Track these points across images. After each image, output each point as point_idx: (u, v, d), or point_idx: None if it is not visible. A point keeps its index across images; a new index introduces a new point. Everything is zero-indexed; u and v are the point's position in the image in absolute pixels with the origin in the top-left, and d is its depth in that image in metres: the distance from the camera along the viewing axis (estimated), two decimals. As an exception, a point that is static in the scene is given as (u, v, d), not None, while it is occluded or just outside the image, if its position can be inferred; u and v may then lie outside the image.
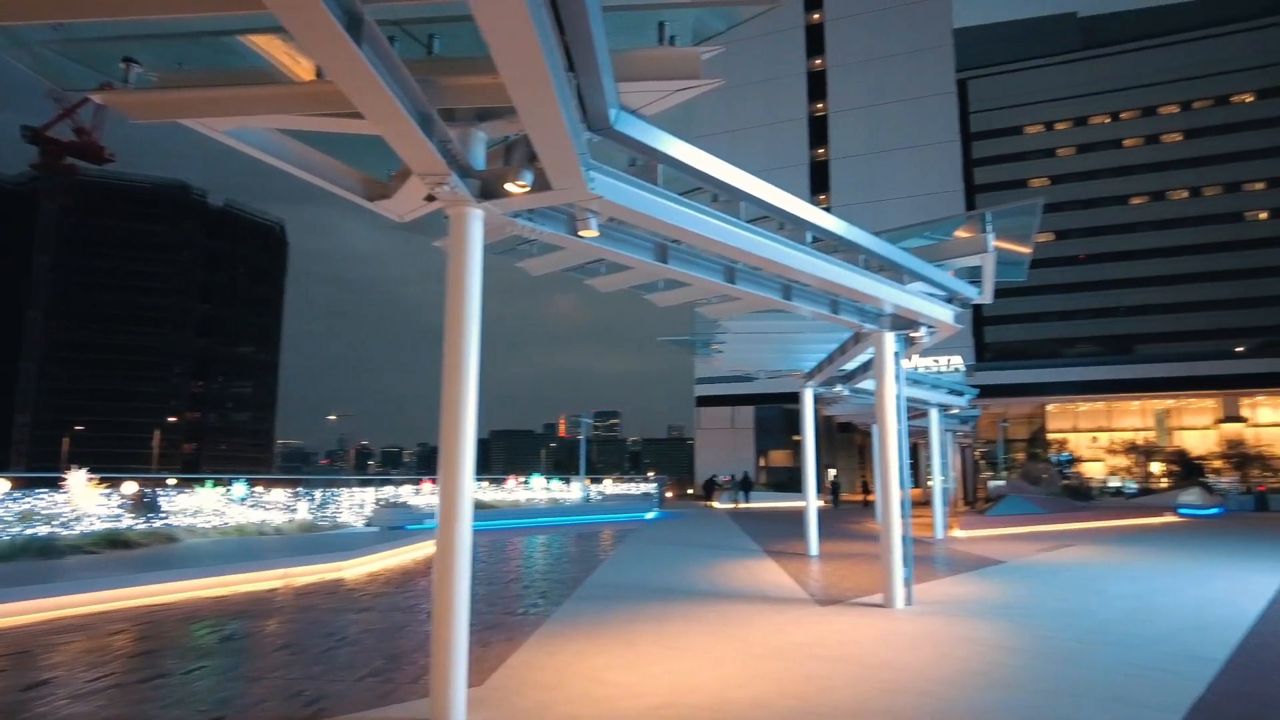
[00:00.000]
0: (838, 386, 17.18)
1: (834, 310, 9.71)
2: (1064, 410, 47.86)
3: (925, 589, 11.22)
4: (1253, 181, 62.48)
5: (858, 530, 22.15)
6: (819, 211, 7.42)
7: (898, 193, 49.48)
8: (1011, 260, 10.16)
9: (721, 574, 13.19)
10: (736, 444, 50.95)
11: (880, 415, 10.34)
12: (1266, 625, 8.90)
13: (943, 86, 51.38)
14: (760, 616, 9.29)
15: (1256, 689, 6.29)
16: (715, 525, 24.87)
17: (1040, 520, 22.49)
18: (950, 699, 5.93)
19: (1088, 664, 7.06)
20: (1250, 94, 63.27)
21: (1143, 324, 62.36)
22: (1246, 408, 44.34)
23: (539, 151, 4.84)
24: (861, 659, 7.18)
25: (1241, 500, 32.57)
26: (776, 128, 54.08)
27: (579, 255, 7.33)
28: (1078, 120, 67.73)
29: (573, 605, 10.09)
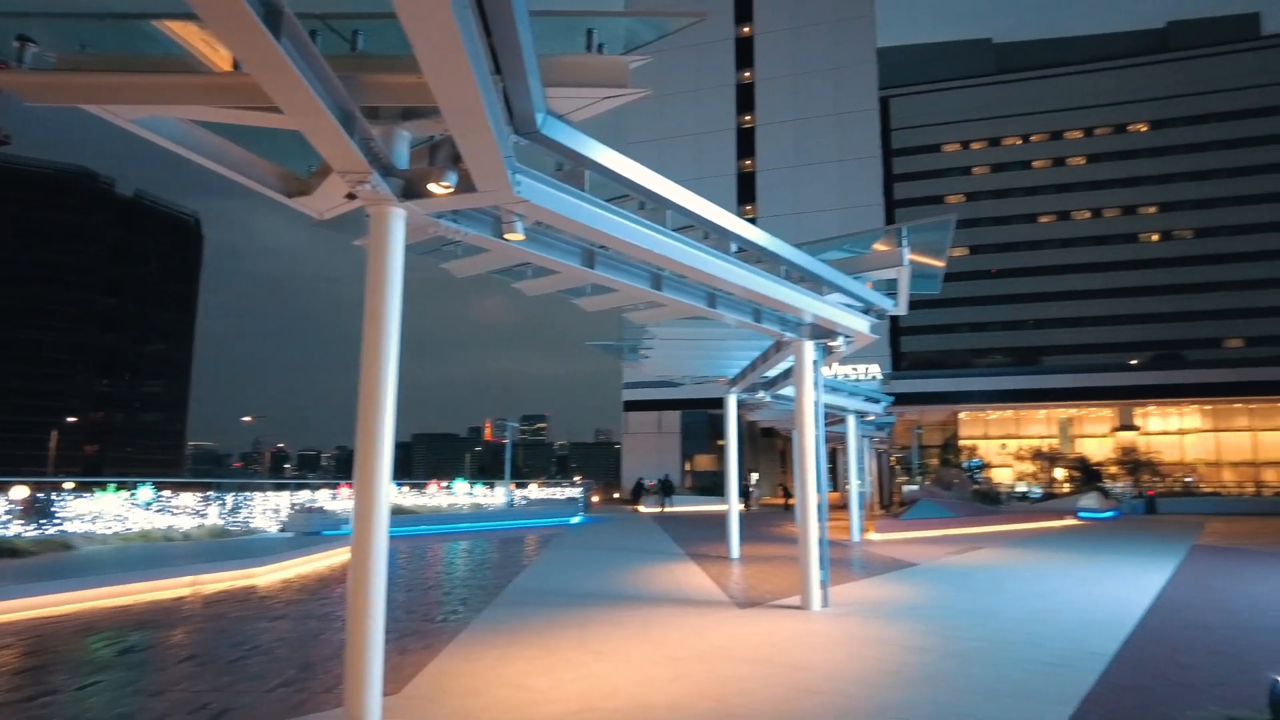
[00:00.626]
0: (760, 393, 17.51)
1: (757, 319, 9.92)
2: (975, 418, 49.84)
3: (841, 591, 11.53)
4: (1147, 205, 66.51)
5: (778, 533, 22.58)
6: (743, 222, 7.57)
7: (822, 205, 50.75)
8: (926, 273, 10.56)
9: (644, 578, 13.26)
10: (663, 448, 51.28)
11: (799, 421, 10.59)
12: (1150, 620, 9.47)
13: (866, 103, 52.98)
14: (681, 619, 9.38)
15: (1139, 680, 6.69)
16: (640, 529, 24.97)
17: (952, 523, 23.36)
18: (862, 699, 6.11)
19: (992, 661, 7.37)
20: (1144, 124, 67.38)
21: (1048, 337, 65.58)
22: (1139, 417, 47.05)
23: (464, 153, 4.81)
24: (779, 661, 7.34)
25: (1134, 504, 34.50)
26: (705, 138, 54.80)
27: (505, 258, 7.30)
28: (991, 141, 70.82)
29: (494, 611, 9.99)
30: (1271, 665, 4.37)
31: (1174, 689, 6.39)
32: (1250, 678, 6.63)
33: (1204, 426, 47.57)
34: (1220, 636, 8.61)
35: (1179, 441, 47.50)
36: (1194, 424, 47.74)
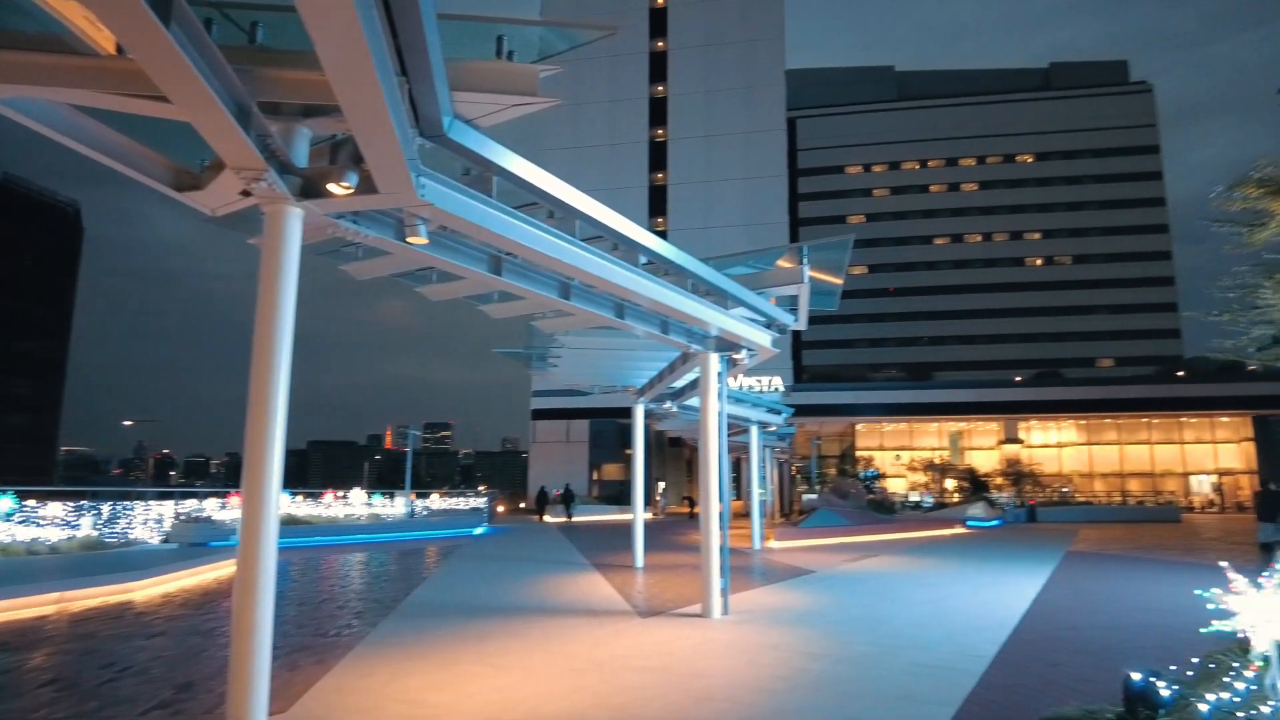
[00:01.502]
0: (667, 403, 17.70)
1: (664, 330, 10.03)
2: (872, 429, 51.76)
3: (741, 598, 11.74)
4: (1031, 231, 70.89)
5: (683, 542, 22.80)
6: (651, 235, 7.66)
7: (730, 221, 51.79)
8: (825, 290, 10.93)
9: (547, 589, 13.16)
10: (571, 457, 51.07)
11: (703, 431, 10.76)
12: (1027, 623, 10.04)
13: (774, 123, 54.45)
14: (583, 630, 9.35)
15: (1015, 679, 7.08)
16: (545, 540, 24.76)
17: (848, 532, 24.13)
18: (758, 705, 6.24)
19: (883, 666, 7.65)
20: (1029, 155, 71.85)
21: (941, 353, 68.90)
22: (1023, 430, 49.89)
23: (365, 154, 4.69)
24: (677, 669, 7.41)
25: (1017, 513, 36.45)
26: (619, 149, 55.15)
27: (408, 262, 7.14)
28: (891, 165, 74.07)
29: (391, 625, 9.72)
30: (1129, 661, 4.70)
31: (1044, 686, 6.79)
32: (1111, 674, 7.10)
33: (1079, 440, 50.84)
34: (1087, 636, 9.20)
35: (1058, 454, 50.58)
36: (1070, 438, 50.96)
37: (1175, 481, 48.78)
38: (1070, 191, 70.46)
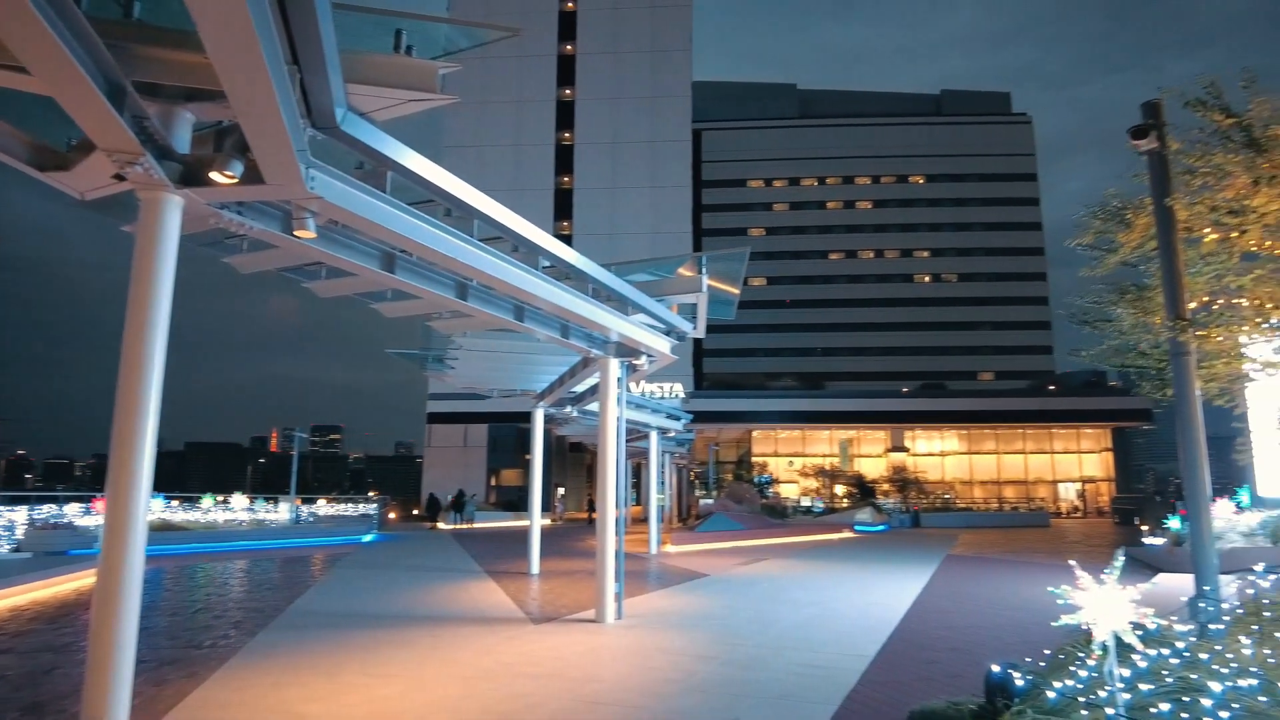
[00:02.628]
0: (568, 408, 17.65)
1: (564, 334, 10.01)
2: (767, 436, 53.11)
3: (635, 603, 11.81)
4: (920, 250, 74.49)
5: (581, 548, 22.76)
6: (552, 238, 7.64)
7: (634, 228, 52.18)
8: (723, 299, 11.16)
9: (438, 597, 12.88)
10: (468, 463, 50.14)
11: (602, 436, 10.78)
12: (907, 622, 10.50)
13: (680, 134, 55.25)
14: (474, 638, 9.20)
15: (893, 677, 7.40)
16: (437, 547, 24.22)
17: (742, 536, 24.64)
18: (646, 707, 6.29)
19: (770, 666, 7.84)
20: (921, 177, 75.52)
21: (834, 364, 71.36)
22: (909, 439, 52.25)
23: (252, 143, 4.49)
24: (568, 674, 7.39)
25: (902, 518, 38.14)
26: (525, 150, 54.71)
27: (296, 256, 6.87)
28: (791, 180, 76.30)
29: (270, 635, 9.29)
30: (994, 656, 4.99)
31: (919, 683, 7.12)
32: (979, 669, 7.52)
33: (961, 449, 53.64)
34: (961, 634, 9.71)
35: (941, 462, 53.21)
36: (953, 446, 53.70)
37: (1046, 488, 52.11)
38: (957, 213, 74.46)
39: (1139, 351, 10.26)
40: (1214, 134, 7.50)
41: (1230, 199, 7.36)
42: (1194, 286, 8.40)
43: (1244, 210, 7.10)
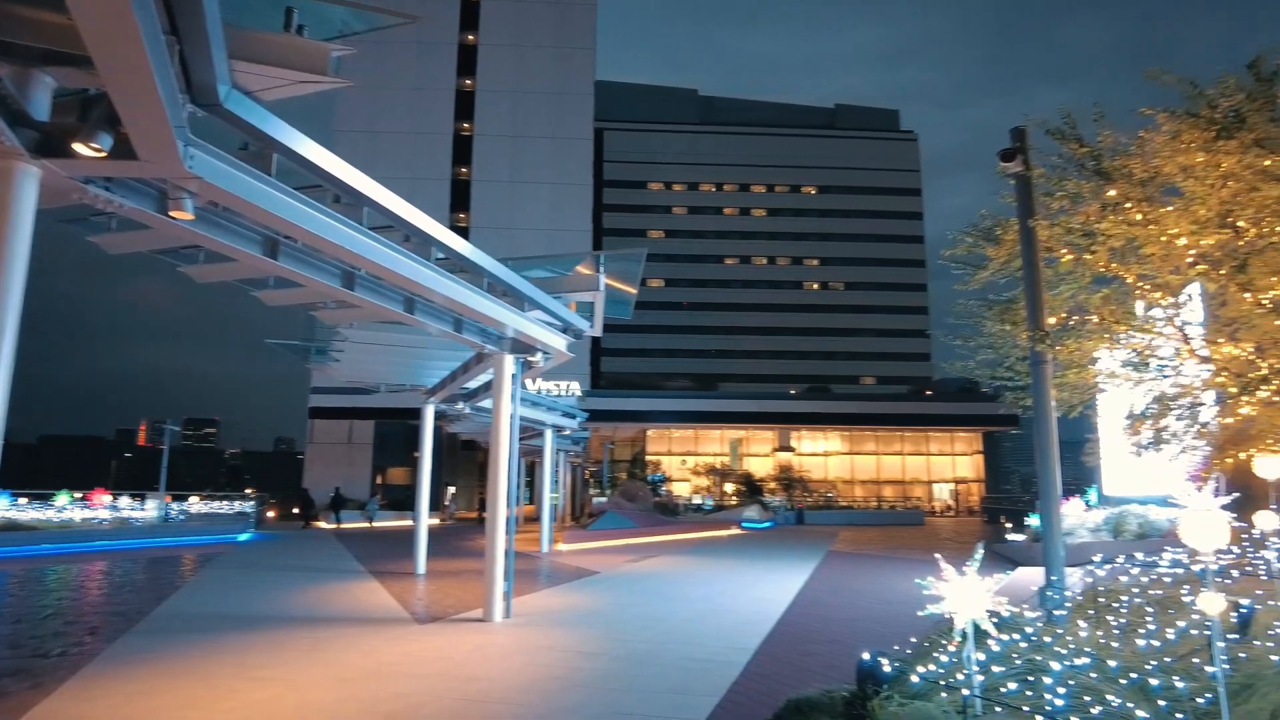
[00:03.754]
0: (460, 404, 17.35)
1: (457, 329, 9.85)
2: (661, 435, 53.73)
3: (524, 601, 11.74)
4: (811, 258, 77.24)
5: (470, 547, 22.40)
6: (446, 230, 7.50)
7: (534, 224, 51.72)
8: (620, 299, 11.26)
9: (318, 597, 12.43)
10: (354, 460, 48.37)
11: (495, 433, 10.67)
12: (789, 616, 10.88)
13: (582, 131, 55.15)
14: (356, 639, 8.94)
15: (773, 669, 7.67)
16: (318, 547, 23.33)
17: (634, 533, 24.87)
18: (533, 705, 6.28)
19: (657, 661, 7.97)
20: (814, 188, 78.30)
21: (727, 366, 73.06)
22: (795, 440, 53.95)
23: (123, 115, 4.22)
24: (454, 674, 7.29)
25: (787, 515, 39.35)
26: (422, 139, 53.29)
27: (171, 238, 6.48)
28: (691, 185, 77.57)
29: (132, 641, 8.74)
30: (869, 647, 5.25)
31: (798, 674, 7.41)
32: (854, 659, 7.90)
33: (843, 450, 55.79)
34: (839, 627, 10.15)
35: (824, 462, 55.18)
36: (836, 447, 55.80)
37: (921, 488, 54.91)
38: (846, 224, 77.55)
39: (1005, 366, 11.01)
40: (1070, 161, 8.14)
41: (1083, 223, 8.00)
42: (1053, 303, 9.08)
43: (1094, 234, 7.75)
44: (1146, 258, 7.59)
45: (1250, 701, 4.21)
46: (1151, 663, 4.79)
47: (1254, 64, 6.90)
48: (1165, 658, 5.02)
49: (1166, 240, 7.20)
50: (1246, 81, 6.85)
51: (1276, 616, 5.23)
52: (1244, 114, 6.67)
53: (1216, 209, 6.82)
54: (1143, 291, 7.91)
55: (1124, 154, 7.63)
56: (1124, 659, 4.89)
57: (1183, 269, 7.52)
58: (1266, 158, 6.41)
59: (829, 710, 4.46)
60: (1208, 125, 6.70)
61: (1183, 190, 7.17)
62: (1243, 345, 7.05)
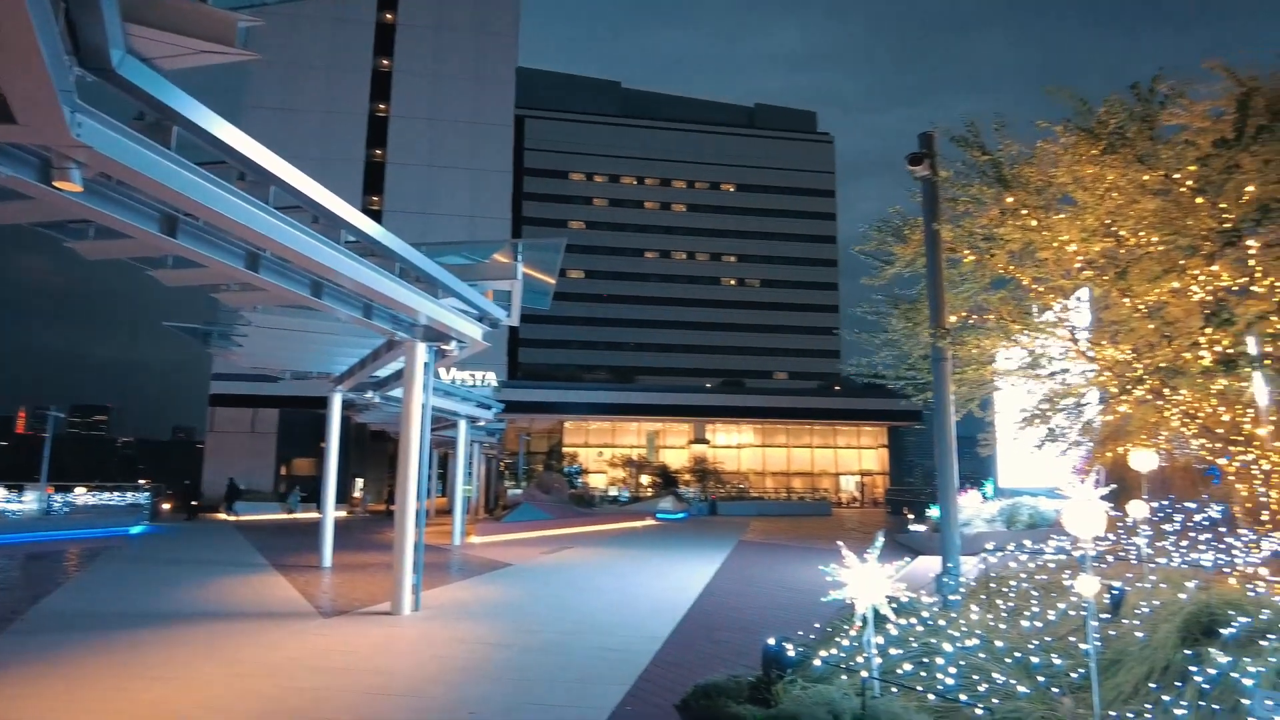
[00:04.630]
0: (369, 393, 16.89)
1: (367, 315, 9.58)
2: (579, 427, 53.66)
3: (434, 594, 11.56)
4: (728, 254, 78.46)
5: (379, 540, 21.87)
6: (357, 212, 7.28)
7: (452, 210, 50.71)
8: (538, 289, 11.17)
9: (217, 592, 11.92)
10: (257, 450, 46.50)
11: (405, 424, 10.44)
12: (699, 605, 11.05)
13: (502, 118, 54.34)
14: (256, 634, 8.62)
15: (684, 656, 7.78)
16: (220, 539, 22.37)
17: (549, 525, 24.76)
18: (440, 697, 6.20)
19: (568, 651, 7.98)
20: (733, 185, 79.47)
21: (645, 359, 73.54)
22: (710, 432, 54.79)
23: (0, 74, 3.93)
24: (359, 668, 7.12)
25: (701, 506, 39.92)
26: (335, 118, 51.45)
27: (56, 210, 6.06)
28: (612, 177, 77.58)
29: (7, 641, 8.19)
30: (775, 633, 5.39)
31: (707, 661, 7.54)
32: (762, 646, 8.12)
33: (756, 442, 56.97)
34: (748, 614, 10.37)
35: (738, 454, 56.22)
36: (749, 440, 56.92)
37: (829, 480, 56.57)
38: (763, 222, 79.07)
39: (907, 365, 11.46)
40: (973, 168, 8.53)
41: (984, 226, 8.41)
42: (954, 302, 9.50)
43: (994, 237, 8.15)
44: (1041, 262, 8.02)
45: (1118, 675, 4.53)
46: (1034, 642, 5.09)
47: (1135, 86, 7.37)
48: (1046, 637, 5.35)
49: (1058, 246, 7.63)
50: (1130, 102, 7.32)
51: (1143, 597, 5.64)
52: (1127, 132, 7.12)
53: (1102, 218, 7.27)
54: (1037, 294, 8.36)
55: (1023, 163, 8.05)
56: (1010, 640, 5.19)
57: (1073, 274, 7.99)
58: (1145, 173, 6.87)
59: (735, 695, 4.56)
60: (1097, 140, 7.12)
61: (1074, 199, 7.62)
62: (1122, 347, 7.55)
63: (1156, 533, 7.62)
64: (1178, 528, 7.57)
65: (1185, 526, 7.51)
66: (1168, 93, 7.36)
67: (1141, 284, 7.05)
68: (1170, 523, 7.70)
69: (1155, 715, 4.19)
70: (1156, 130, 7.26)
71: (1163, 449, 8.26)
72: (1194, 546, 7.05)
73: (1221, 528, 7.29)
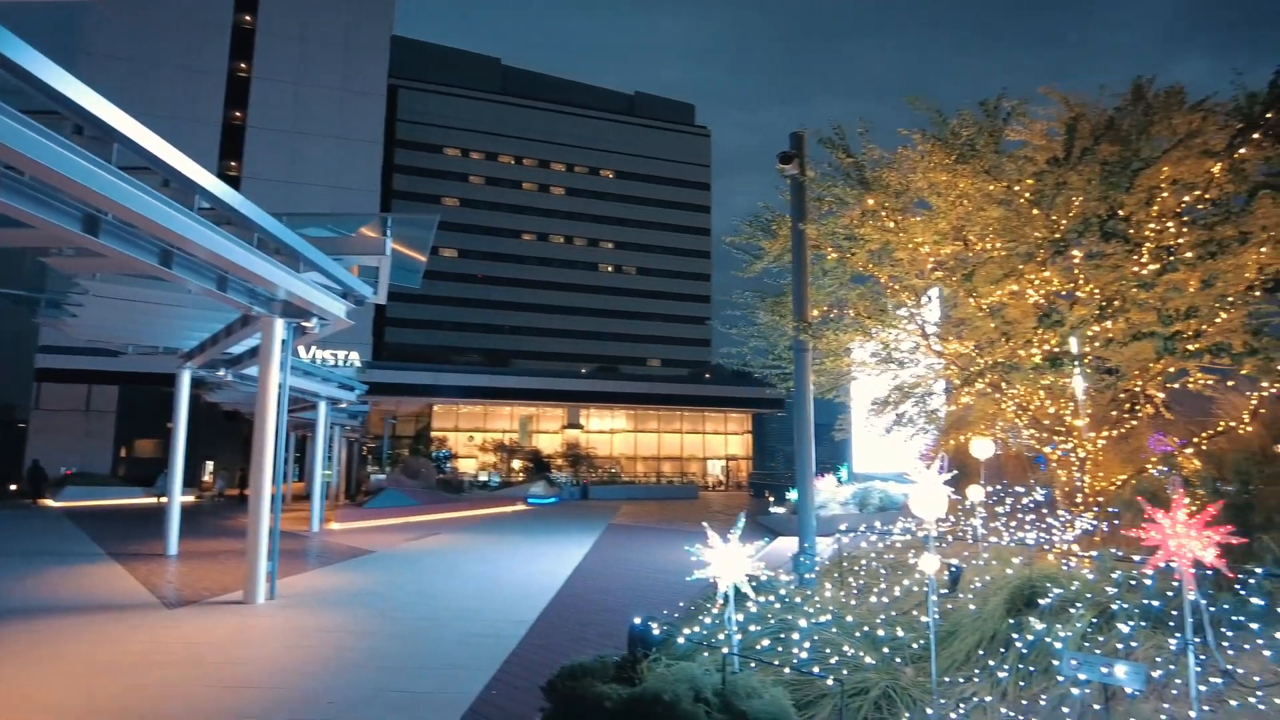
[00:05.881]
0: (222, 371, 15.89)
1: (221, 287, 9.00)
2: (448, 411, 52.47)
3: (291, 582, 11.07)
4: (606, 240, 78.66)
5: (230, 526, 20.67)
6: (212, 176, 6.81)
7: (317, 180, 48.18)
8: (408, 266, 10.83)
9: (43, 584, 10.94)
10: (92, 430, 42.67)
11: (261, 404, 9.91)
12: (568, 589, 11.12)
13: (374, 87, 52.03)
14: (90, 628, 7.98)
15: (551, 640, 7.82)
16: (42, 527, 20.47)
17: (415, 511, 24.16)
18: (296, 687, 5.96)
19: (432, 638, 7.84)
20: (612, 171, 79.62)
21: (519, 342, 72.77)
22: (584, 417, 54.98)
23: None
24: (209, 660, 6.74)
25: (573, 491, 40.03)
26: (190, 76, 47.63)
27: None
28: (490, 155, 75.92)
29: None
30: (642, 614, 5.50)
31: (576, 642, 7.62)
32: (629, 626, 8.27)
33: (628, 428, 57.66)
34: (616, 596, 10.52)
35: (610, 439, 56.70)
36: (622, 425, 57.53)
37: (697, 465, 58.05)
38: (640, 210, 79.71)
39: (774, 355, 11.93)
40: (838, 170, 8.96)
41: (846, 226, 8.86)
42: (817, 297, 9.95)
43: (855, 237, 8.60)
44: (897, 261, 8.53)
45: (954, 645, 4.94)
46: (881, 617, 5.46)
47: (985, 103, 7.97)
48: (892, 612, 5.74)
49: (913, 247, 8.13)
50: (980, 117, 7.89)
51: (978, 574, 6.16)
52: (976, 144, 7.68)
53: (953, 223, 7.81)
54: (893, 291, 8.88)
55: (884, 167, 8.52)
56: (859, 615, 5.54)
57: (925, 274, 8.54)
58: (991, 183, 7.44)
59: (600, 675, 4.64)
60: (950, 150, 7.64)
61: (929, 204, 8.14)
62: (966, 343, 8.16)
63: (990, 515, 8.31)
64: (1008, 510, 8.30)
65: (1014, 509, 8.24)
66: (1010, 110, 7.99)
67: (985, 285, 7.63)
68: (1002, 505, 8.42)
69: (982, 678, 4.59)
70: (1001, 144, 7.86)
71: (999, 438, 9.01)
72: (1021, 526, 7.73)
73: (1045, 509, 8.03)
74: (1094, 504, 7.20)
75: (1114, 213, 6.81)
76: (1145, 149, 6.83)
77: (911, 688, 4.51)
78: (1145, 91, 7.34)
